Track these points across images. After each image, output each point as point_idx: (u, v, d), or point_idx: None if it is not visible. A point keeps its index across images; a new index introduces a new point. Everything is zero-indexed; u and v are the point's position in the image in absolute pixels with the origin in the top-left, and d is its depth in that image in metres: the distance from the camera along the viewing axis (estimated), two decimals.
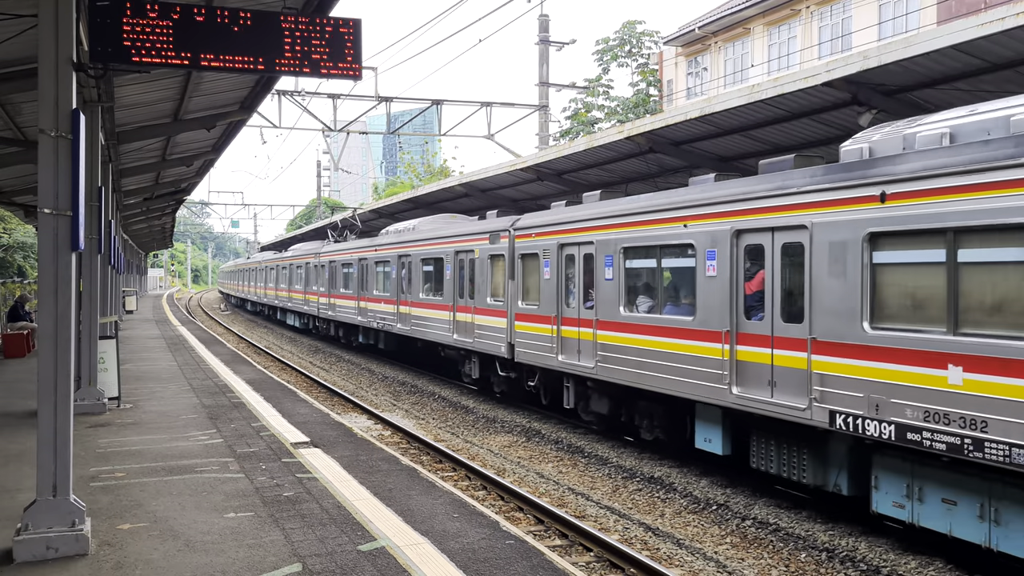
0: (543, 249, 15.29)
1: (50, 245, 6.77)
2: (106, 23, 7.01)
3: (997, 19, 8.68)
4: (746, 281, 10.51)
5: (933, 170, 8.02)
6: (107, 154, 16.08)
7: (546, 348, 15.12)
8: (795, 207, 9.61)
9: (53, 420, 6.74)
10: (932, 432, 7.93)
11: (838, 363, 9.01)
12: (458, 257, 19.20)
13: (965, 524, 8.01)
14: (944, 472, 8.19)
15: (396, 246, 23.68)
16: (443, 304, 19.92)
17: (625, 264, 12.93)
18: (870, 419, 8.55)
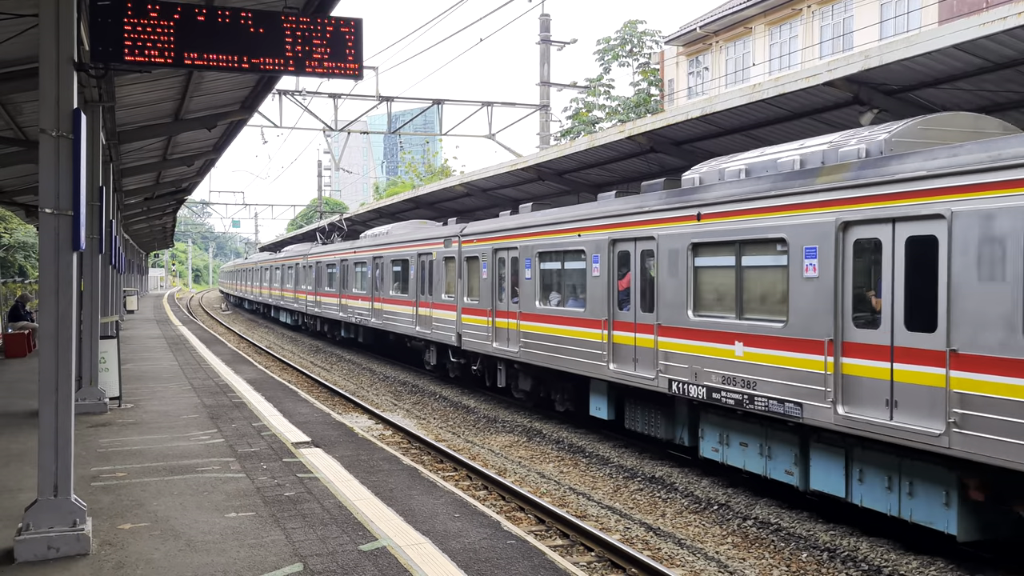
0: (482, 253, 17.82)
1: (51, 245, 6.77)
2: (107, 23, 7.01)
3: (999, 18, 8.68)
4: (619, 280, 13.06)
5: (726, 198, 10.73)
6: (108, 154, 16.08)
7: (484, 337, 17.68)
8: (648, 223, 12.23)
9: (54, 420, 6.74)
10: (727, 392, 10.65)
11: (673, 342, 11.69)
12: (420, 259, 21.66)
13: (753, 460, 10.70)
14: (740, 422, 10.88)
15: (371, 249, 26.19)
16: (408, 300, 22.49)
17: (540, 266, 15.53)
18: (692, 384, 11.27)
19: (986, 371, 7.52)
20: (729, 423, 11.06)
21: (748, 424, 10.72)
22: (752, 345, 10.23)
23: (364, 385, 22.41)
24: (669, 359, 11.72)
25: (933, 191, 8.05)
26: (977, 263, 7.62)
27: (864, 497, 9.10)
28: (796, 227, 9.62)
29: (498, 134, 25.94)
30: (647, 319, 12.27)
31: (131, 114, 15.73)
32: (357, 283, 27.79)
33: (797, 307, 9.57)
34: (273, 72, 7.76)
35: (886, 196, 8.56)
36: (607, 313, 13.19)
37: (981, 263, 7.58)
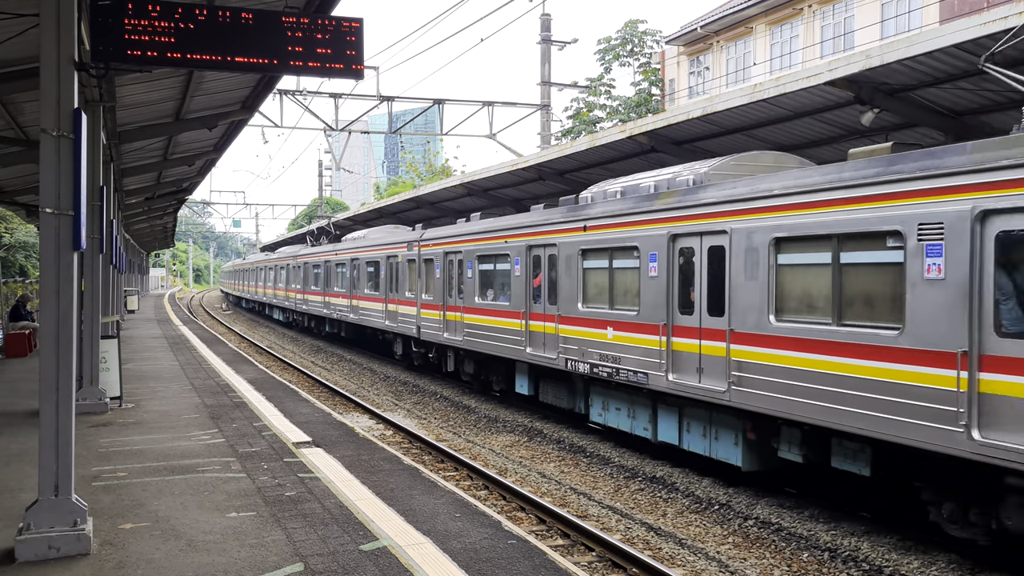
0: (436, 256, 20.46)
1: (52, 245, 6.77)
2: (108, 22, 7.01)
3: (1000, 18, 8.67)
4: (533, 278, 15.70)
5: (602, 214, 13.49)
6: (109, 153, 16.08)
7: (438, 328, 20.27)
8: (552, 232, 14.99)
9: (55, 420, 6.74)
10: (603, 367, 13.25)
11: (568, 328, 14.37)
12: (388, 261, 24.27)
13: (623, 421, 13.34)
14: (613, 391, 13.52)
15: (349, 251, 28.70)
16: (379, 298, 25.12)
17: (479, 267, 18.14)
18: (580, 362, 13.87)
19: (750, 344, 10.38)
20: (607, 392, 13.79)
21: (619, 392, 13.46)
22: (618, 329, 12.99)
23: (365, 385, 22.41)
24: (566, 342, 14.39)
25: (721, 214, 10.88)
26: (744, 266, 10.47)
27: (690, 444, 11.88)
28: (644, 238, 12.40)
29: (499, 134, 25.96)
30: (552, 310, 14.98)
31: (132, 114, 15.73)
32: (339, 282, 30.18)
33: (645, 300, 12.37)
34: (273, 72, 7.76)
35: (696, 216, 11.34)
36: (525, 306, 15.92)
37: (746, 266, 10.43)
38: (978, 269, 7.72)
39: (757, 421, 10.60)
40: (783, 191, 9.95)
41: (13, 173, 18.95)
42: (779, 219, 9.95)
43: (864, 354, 8.79)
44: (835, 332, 9.13)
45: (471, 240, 18.52)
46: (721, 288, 10.84)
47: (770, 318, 10.03)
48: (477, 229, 18.37)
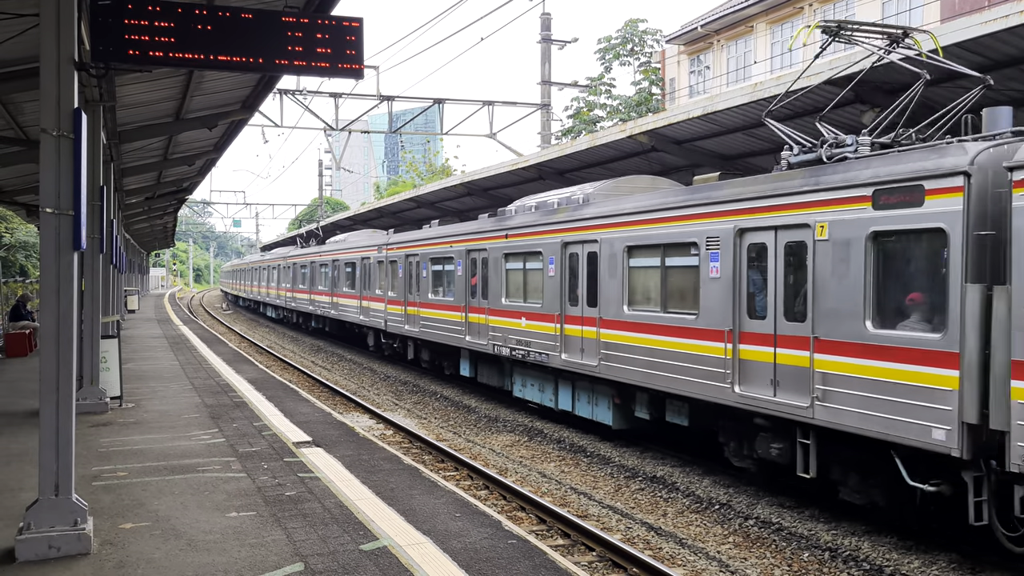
0: (399, 258, 23.28)
1: (52, 244, 6.77)
2: (108, 22, 7.00)
3: (1001, 16, 8.67)
4: (471, 277, 18.33)
5: (518, 224, 16.33)
6: (109, 153, 16.08)
7: (400, 321, 23.09)
8: (484, 239, 17.74)
9: (55, 419, 6.74)
10: (517, 350, 16.00)
11: (495, 319, 17.06)
12: (363, 262, 26.99)
13: (536, 395, 16.15)
14: (530, 370, 16.24)
15: (332, 253, 31.54)
16: (355, 295, 27.90)
17: (432, 268, 20.75)
18: (503, 347, 16.55)
19: (612, 328, 13.12)
20: (524, 371, 16.58)
21: (532, 370, 16.17)
22: (529, 319, 15.72)
23: (365, 385, 22.41)
24: (494, 331, 17.07)
25: (594, 227, 13.66)
26: (608, 268, 13.20)
27: (579, 410, 14.63)
28: (545, 244, 15.20)
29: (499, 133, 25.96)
30: (484, 304, 17.62)
31: (132, 114, 15.73)
32: (322, 282, 32.99)
33: (546, 295, 15.16)
34: (273, 71, 7.75)
35: (579, 228, 14.13)
36: (465, 301, 18.54)
37: (610, 268, 13.18)
38: (739, 270, 10.49)
39: (620, 389, 13.35)
40: (632, 210, 12.73)
41: (13, 173, 18.95)
42: (629, 232, 12.75)
43: (679, 334, 11.57)
44: (662, 317, 11.99)
45: (426, 245, 21.33)
46: (595, 285, 13.70)
47: (624, 308, 12.87)
48: (431, 235, 21.19)
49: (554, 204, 15.52)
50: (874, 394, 8.56)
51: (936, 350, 7.96)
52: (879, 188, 8.57)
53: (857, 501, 9.40)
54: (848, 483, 9.43)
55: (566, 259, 14.49)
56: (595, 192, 14.47)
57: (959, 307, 7.75)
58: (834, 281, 9.08)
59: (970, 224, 7.74)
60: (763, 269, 10.18)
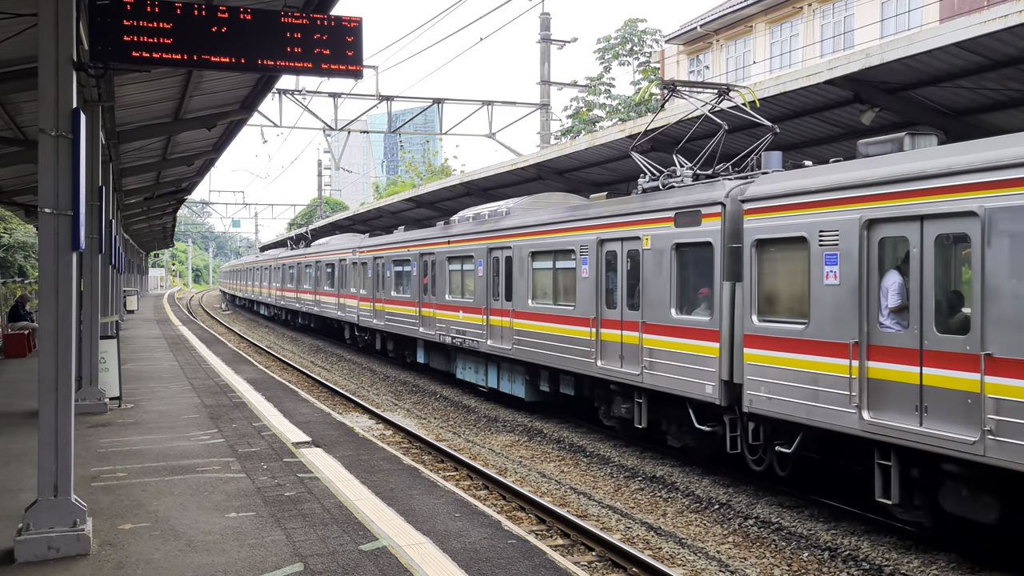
0: (368, 260, 26.48)
1: (51, 245, 6.76)
2: (106, 22, 6.99)
3: (1000, 16, 8.66)
4: (424, 277, 21.25)
5: (457, 232, 19.34)
6: (108, 153, 16.06)
7: (370, 316, 26.31)
8: (432, 244, 20.90)
9: (54, 420, 6.73)
10: (457, 338, 18.97)
11: (441, 312, 20.05)
12: (340, 263, 30.32)
13: (472, 375, 19.12)
14: (468, 355, 19.24)
15: (315, 255, 34.81)
16: (334, 293, 31.18)
17: (395, 269, 23.94)
18: (447, 335, 19.64)
19: (522, 319, 16.02)
20: (464, 356, 19.54)
21: (469, 355, 19.20)
22: (465, 312, 18.66)
23: (364, 385, 22.40)
24: (440, 322, 20.10)
25: (510, 236, 16.65)
26: (519, 269, 16.21)
27: (502, 387, 17.57)
28: (476, 249, 18.10)
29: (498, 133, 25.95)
30: (433, 300, 20.58)
31: (131, 114, 15.71)
32: (307, 281, 36.20)
33: (476, 291, 18.05)
34: (272, 71, 7.74)
35: (499, 236, 17.11)
36: (419, 298, 21.60)
37: (521, 269, 16.15)
38: (600, 271, 13.50)
39: (528, 368, 16.32)
40: (534, 223, 15.78)
41: (12, 173, 18.93)
42: (533, 240, 15.77)
43: (565, 321, 14.48)
44: (554, 308, 14.94)
45: (390, 248, 24.36)
46: (510, 283, 16.58)
47: (529, 301, 15.83)
48: (394, 240, 24.27)
49: (485, 216, 18.39)
50: (676, 363, 11.50)
51: (708, 328, 10.89)
52: (677, 212, 11.54)
53: (676, 445, 12.38)
54: (670, 432, 12.37)
55: (491, 262, 17.48)
56: (515, 206, 17.36)
57: (719, 298, 10.71)
58: (654, 279, 12.03)
59: (725, 239, 10.66)
60: (615, 270, 13.18)
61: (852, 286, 8.80)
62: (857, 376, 8.68)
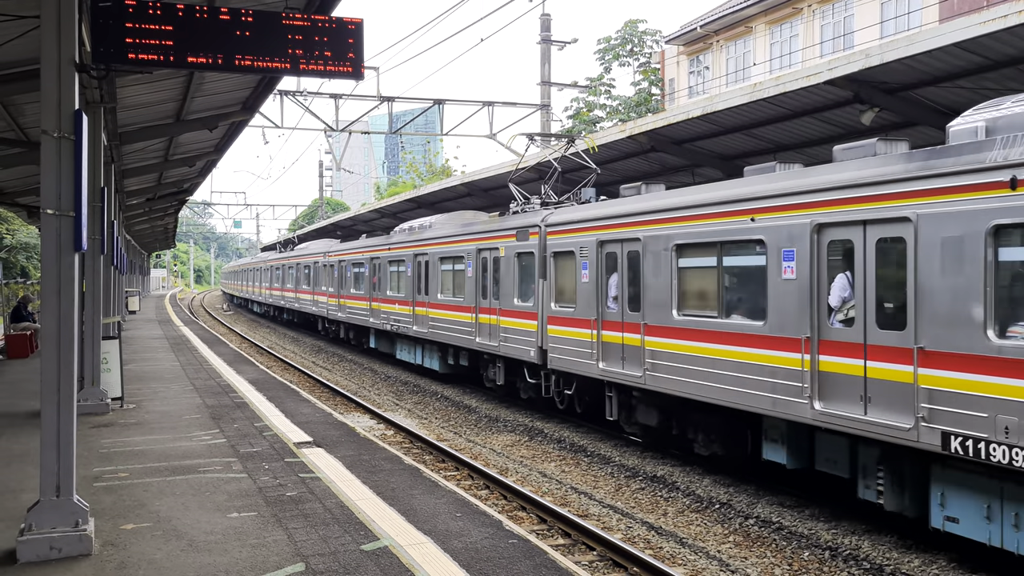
0: (335, 262, 31.14)
1: (53, 246, 6.78)
2: (108, 24, 7.02)
3: (1000, 16, 8.68)
4: (373, 276, 25.69)
5: (396, 241, 23.97)
6: (110, 155, 16.09)
7: (336, 310, 30.82)
8: (379, 250, 25.24)
9: (56, 420, 6.75)
10: (396, 325, 23.28)
11: (384, 305, 24.19)
12: (314, 265, 35.26)
13: (409, 355, 23.26)
14: (405, 340, 23.37)
15: (296, 258, 39.79)
16: (310, 291, 36.14)
17: (353, 270, 28.38)
18: (388, 324, 23.78)
19: (433, 308, 20.32)
20: (402, 340, 23.82)
21: (406, 340, 23.49)
22: (400, 304, 23.10)
23: (366, 385, 22.42)
24: (383, 314, 24.61)
25: (426, 244, 21.14)
26: (432, 269, 20.50)
27: (428, 363, 21.72)
28: (407, 254, 22.66)
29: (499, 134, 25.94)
30: (380, 295, 25.12)
31: (132, 115, 15.75)
32: (290, 281, 41.06)
33: (404, 288, 22.81)
34: (274, 73, 7.77)
35: (419, 245, 21.66)
36: (369, 293, 26.25)
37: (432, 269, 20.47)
38: (479, 272, 18.01)
39: (440, 347, 20.90)
40: (442, 235, 20.38)
41: (14, 174, 18.97)
42: (440, 248, 20.29)
43: (457, 309, 19.15)
44: (451, 300, 19.33)
45: (350, 253, 29.25)
46: (427, 281, 21.02)
47: (439, 295, 20.12)
48: (354, 246, 29.34)
49: (415, 228, 23.02)
50: (517, 336, 16.18)
51: (531, 311, 15.64)
52: (517, 230, 16.28)
53: (524, 397, 17.07)
54: (520, 387, 17.01)
55: (416, 265, 21.97)
56: (435, 222, 22.16)
57: (538, 290, 15.32)
58: (506, 278, 16.69)
59: (542, 250, 15.28)
60: (487, 271, 17.81)
61: (594, 283, 13.58)
62: (596, 340, 13.50)
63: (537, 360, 15.33)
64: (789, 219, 9.54)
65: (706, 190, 11.34)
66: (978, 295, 7.47)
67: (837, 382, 9.00)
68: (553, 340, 14.77)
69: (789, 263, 9.55)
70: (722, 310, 10.77)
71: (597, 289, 13.40)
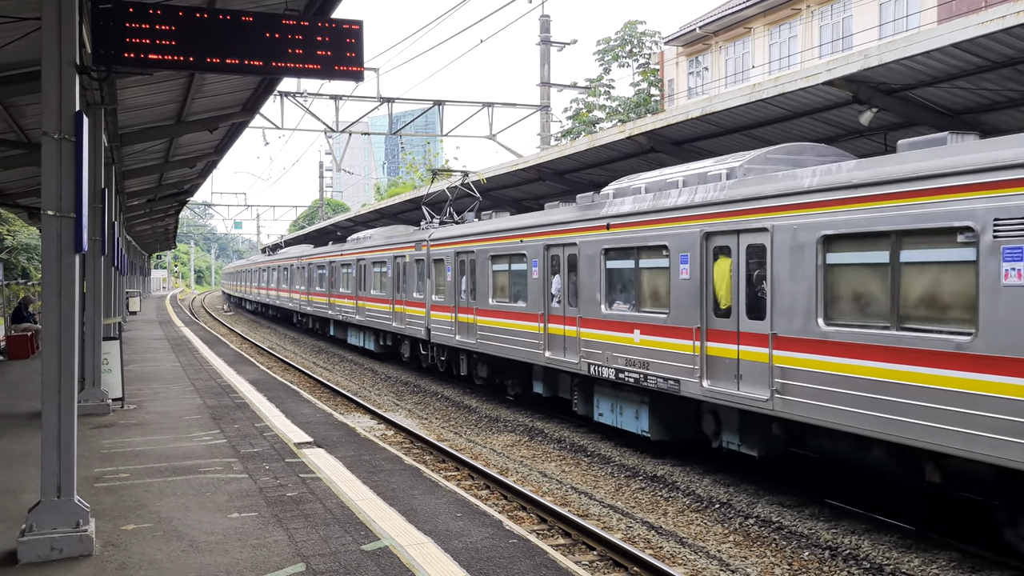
0: (305, 265, 36.93)
1: (54, 247, 6.80)
2: (109, 25, 7.04)
3: (998, 17, 8.69)
4: (331, 277, 31.94)
5: (350, 247, 29.53)
6: (110, 156, 16.12)
7: (306, 304, 36.95)
8: (335, 255, 31.38)
9: (57, 421, 6.77)
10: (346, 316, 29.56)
11: (337, 300, 30.90)
12: (291, 267, 40.88)
13: (358, 341, 28.75)
14: (353, 327, 29.36)
15: (278, 261, 45.08)
16: (287, 290, 42.08)
17: (318, 272, 33.85)
18: (340, 315, 30.33)
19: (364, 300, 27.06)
20: (351, 328, 29.25)
21: (353, 327, 28.63)
22: (347, 299, 28.90)
23: (366, 385, 22.44)
24: (338, 306, 30.08)
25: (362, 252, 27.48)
26: (368, 271, 26.59)
27: (367, 344, 27.67)
28: (353, 260, 28.20)
29: (499, 135, 25.96)
30: (335, 292, 30.47)
31: (133, 116, 15.77)
32: (273, 281, 47.00)
33: (352, 285, 28.31)
34: (274, 74, 7.79)
35: (358, 253, 27.86)
36: (328, 290, 31.67)
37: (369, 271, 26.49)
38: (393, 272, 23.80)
39: (375, 332, 26.29)
40: (371, 245, 26.02)
41: (15, 176, 18.99)
42: (370, 255, 26.06)
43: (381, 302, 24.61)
44: (379, 295, 23.92)
45: (317, 257, 34.89)
46: (365, 279, 26.47)
47: (371, 291, 25.41)
48: (320, 251, 34.87)
49: (361, 238, 28.51)
50: (414, 320, 21.41)
51: (422, 302, 21.33)
52: (416, 243, 21.85)
53: (424, 365, 22.37)
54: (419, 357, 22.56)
55: (359, 268, 27.52)
56: (374, 234, 27.86)
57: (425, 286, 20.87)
58: (410, 277, 22.10)
59: (428, 257, 20.73)
60: (398, 273, 23.23)
61: (455, 281, 19.09)
62: (454, 321, 19.11)
63: (425, 337, 21.26)
64: (533, 242, 15.76)
65: (504, 221, 17.40)
66: (597, 286, 13.50)
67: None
68: (433, 322, 20.52)
69: (535, 268, 15.48)
70: (512, 297, 16.64)
71: (455, 285, 19.18)
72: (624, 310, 12.91)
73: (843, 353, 8.87)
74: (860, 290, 8.94)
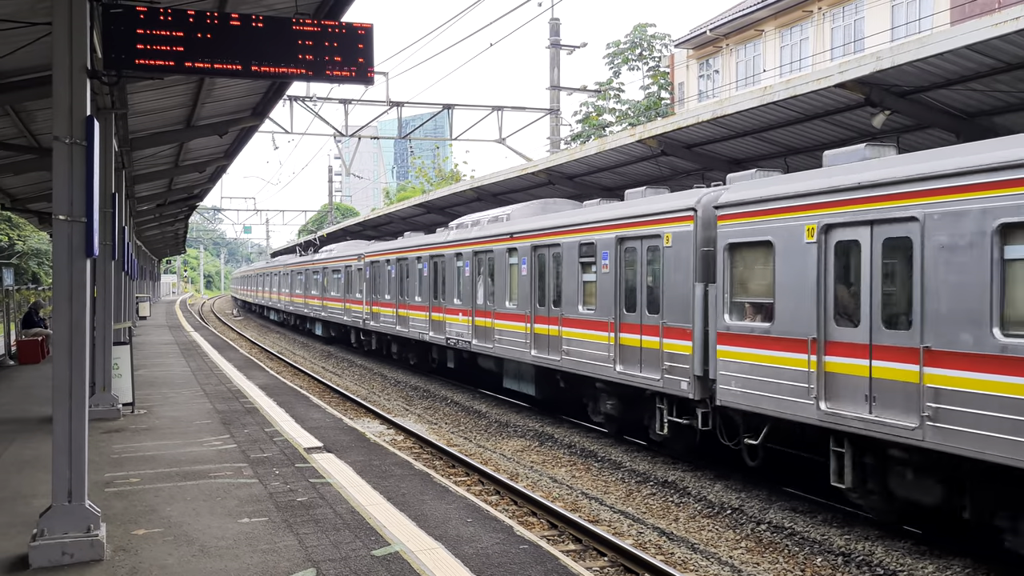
0: (289, 272, 43.64)
1: (64, 251, 6.79)
2: (120, 30, 7.03)
3: (1012, 19, 8.62)
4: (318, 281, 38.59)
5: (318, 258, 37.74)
6: (120, 160, 16.15)
7: (288, 304, 44.80)
8: (315, 264, 37.41)
9: (68, 426, 6.76)
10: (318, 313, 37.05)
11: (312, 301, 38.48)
12: (283, 274, 46.13)
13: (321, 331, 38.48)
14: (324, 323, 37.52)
15: (280, 267, 48.88)
16: (278, 293, 47.90)
17: (296, 278, 41.87)
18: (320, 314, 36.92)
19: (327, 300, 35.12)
20: (325, 323, 36.16)
21: (327, 324, 35.92)
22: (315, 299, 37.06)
23: (376, 390, 22.43)
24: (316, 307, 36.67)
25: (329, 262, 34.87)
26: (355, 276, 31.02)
27: (320, 332, 38.01)
28: (324, 268, 35.21)
29: (508, 138, 26.02)
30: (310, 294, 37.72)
31: (143, 121, 15.80)
32: (268, 285, 52.60)
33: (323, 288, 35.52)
34: (284, 78, 7.77)
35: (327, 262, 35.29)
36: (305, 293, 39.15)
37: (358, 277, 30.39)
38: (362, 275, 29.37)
39: (335, 325, 33.93)
40: (336, 256, 33.36)
41: (26, 181, 19.05)
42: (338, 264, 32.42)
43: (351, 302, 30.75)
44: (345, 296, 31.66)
45: (303, 265, 39.88)
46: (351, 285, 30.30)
47: (331, 292, 33.61)
48: (307, 259, 39.67)
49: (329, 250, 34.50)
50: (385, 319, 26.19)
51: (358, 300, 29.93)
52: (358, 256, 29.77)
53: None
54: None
55: (347, 273, 30.70)
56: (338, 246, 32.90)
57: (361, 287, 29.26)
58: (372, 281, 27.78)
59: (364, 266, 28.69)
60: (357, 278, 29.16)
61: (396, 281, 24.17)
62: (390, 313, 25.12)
63: (361, 327, 28.37)
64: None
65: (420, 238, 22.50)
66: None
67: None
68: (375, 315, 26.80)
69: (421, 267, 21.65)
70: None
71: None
72: None
73: None
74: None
